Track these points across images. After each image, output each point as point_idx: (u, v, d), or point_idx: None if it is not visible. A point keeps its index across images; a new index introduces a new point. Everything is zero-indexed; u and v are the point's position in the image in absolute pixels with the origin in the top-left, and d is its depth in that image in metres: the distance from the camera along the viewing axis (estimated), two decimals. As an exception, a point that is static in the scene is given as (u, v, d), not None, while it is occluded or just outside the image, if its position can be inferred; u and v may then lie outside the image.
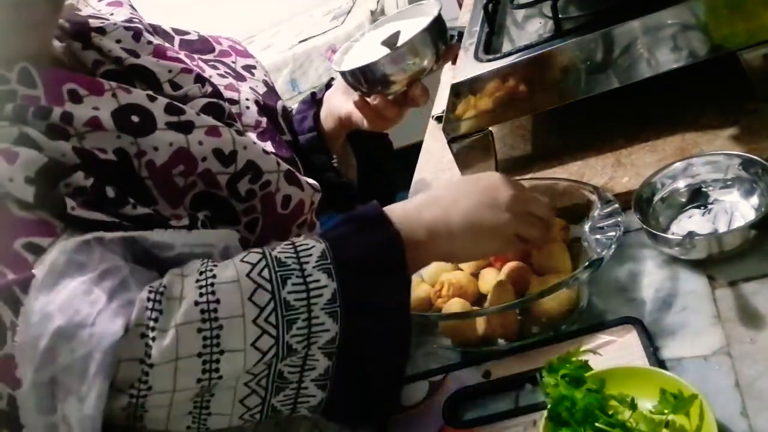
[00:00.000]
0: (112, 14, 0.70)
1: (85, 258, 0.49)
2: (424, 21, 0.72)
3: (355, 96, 0.79)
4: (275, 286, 0.51)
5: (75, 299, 0.47)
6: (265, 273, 0.52)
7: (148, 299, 0.49)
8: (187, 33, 0.80)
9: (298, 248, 0.54)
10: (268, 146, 0.72)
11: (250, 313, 0.50)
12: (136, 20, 0.70)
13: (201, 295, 0.49)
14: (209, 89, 0.67)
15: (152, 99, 0.60)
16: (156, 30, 0.76)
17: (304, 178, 0.70)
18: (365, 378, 0.55)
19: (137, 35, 0.67)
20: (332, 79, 0.89)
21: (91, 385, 0.46)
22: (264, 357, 0.50)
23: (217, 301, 0.49)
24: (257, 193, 0.64)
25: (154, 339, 0.48)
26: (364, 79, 0.73)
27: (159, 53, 0.67)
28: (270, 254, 0.53)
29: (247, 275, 0.51)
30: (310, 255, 0.53)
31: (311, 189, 0.70)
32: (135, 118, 0.58)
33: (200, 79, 0.67)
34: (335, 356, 0.53)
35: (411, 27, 0.73)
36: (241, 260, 0.53)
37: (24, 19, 0.55)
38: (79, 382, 0.46)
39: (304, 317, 0.51)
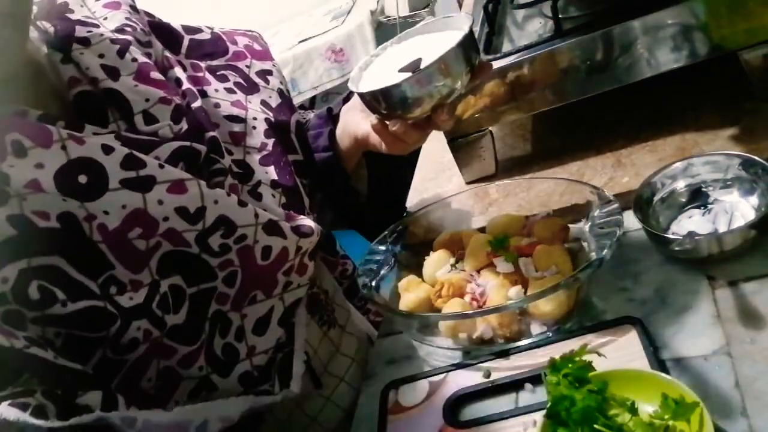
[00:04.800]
0: (105, 18, 0.66)
1: None
2: (453, 37, 0.64)
3: (373, 118, 0.71)
4: None
5: None
6: None
7: None
8: (199, 31, 0.76)
9: None
10: (271, 172, 0.69)
11: None
12: (130, 28, 0.66)
13: None
14: (184, 127, 0.62)
15: (108, 151, 0.55)
16: (163, 29, 0.73)
17: (292, 222, 0.66)
18: None
19: (123, 50, 0.62)
20: (351, 93, 0.82)
21: None
22: None
23: None
24: (232, 248, 0.61)
25: None
26: (384, 102, 0.66)
27: (141, 75, 0.62)
28: None
29: None
30: None
31: (296, 236, 0.66)
32: (83, 179, 0.53)
33: (177, 113, 0.62)
34: None
35: (437, 45, 0.65)
36: None
37: None
38: None
39: None
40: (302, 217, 0.69)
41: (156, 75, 0.64)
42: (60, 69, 0.61)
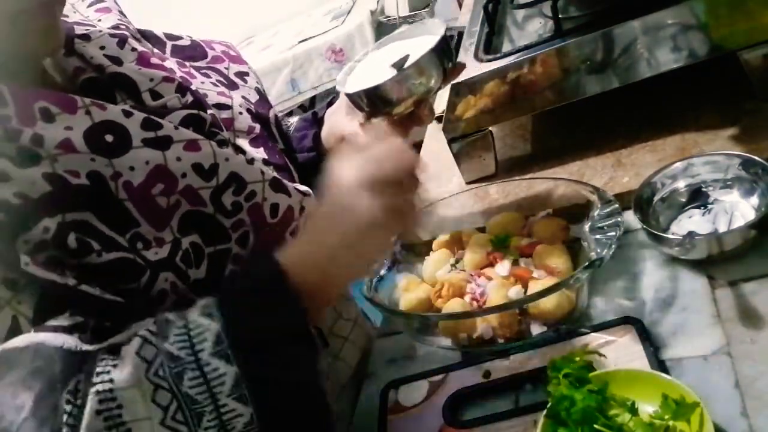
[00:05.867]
0: (99, 20, 0.69)
1: (17, 353, 0.48)
2: (430, 41, 0.70)
3: (360, 117, 0.77)
4: (172, 384, 0.48)
5: (1, 404, 0.46)
6: (161, 371, 0.49)
7: (66, 406, 0.47)
8: (179, 38, 0.80)
9: (192, 334, 0.51)
10: (261, 153, 0.72)
11: (156, 415, 0.47)
12: (123, 27, 0.69)
13: (101, 402, 0.47)
14: (190, 99, 0.66)
15: (128, 114, 0.59)
16: (147, 36, 0.76)
17: (293, 184, 0.70)
18: None
19: (122, 42, 0.66)
20: (334, 98, 0.87)
21: None
22: None
23: (120, 407, 0.47)
24: (243, 206, 0.64)
25: None
26: (370, 100, 0.72)
27: (142, 60, 0.66)
28: (163, 347, 0.50)
29: (146, 375, 0.48)
30: (205, 340, 0.50)
31: (300, 194, 0.69)
32: (109, 138, 0.57)
33: (181, 89, 0.66)
34: None
35: (417, 47, 0.71)
36: (137, 354, 0.49)
37: (22, 29, 0.54)
38: None
39: (211, 408, 0.48)
40: (297, 183, 0.72)
41: (156, 60, 0.68)
42: (64, 62, 0.63)
